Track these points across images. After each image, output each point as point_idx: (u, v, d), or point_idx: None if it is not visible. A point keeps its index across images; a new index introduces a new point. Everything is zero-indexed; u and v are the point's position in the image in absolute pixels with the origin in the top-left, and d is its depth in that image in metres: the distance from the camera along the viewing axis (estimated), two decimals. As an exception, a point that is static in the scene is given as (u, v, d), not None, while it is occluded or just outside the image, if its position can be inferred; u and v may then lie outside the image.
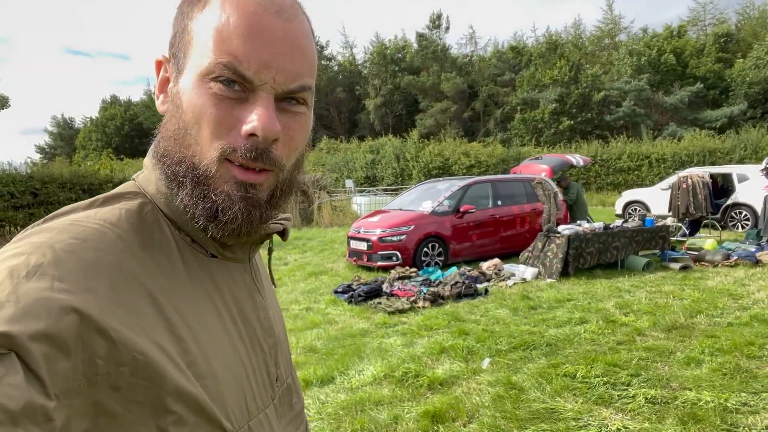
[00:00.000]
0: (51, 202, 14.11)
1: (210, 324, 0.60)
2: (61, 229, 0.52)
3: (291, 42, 0.58)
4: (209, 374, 0.56)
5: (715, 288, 6.63)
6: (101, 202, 0.59)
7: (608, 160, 26.16)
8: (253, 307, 0.68)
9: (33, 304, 0.44)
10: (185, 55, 0.59)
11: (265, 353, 0.69)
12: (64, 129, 57.00)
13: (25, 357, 0.42)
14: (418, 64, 41.74)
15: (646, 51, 34.93)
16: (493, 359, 4.42)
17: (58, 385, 0.44)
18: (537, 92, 35.10)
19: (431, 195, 9.69)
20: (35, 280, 0.46)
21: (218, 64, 0.55)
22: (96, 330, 0.47)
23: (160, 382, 0.51)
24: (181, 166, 0.58)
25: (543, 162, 11.46)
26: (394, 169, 28.91)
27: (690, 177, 11.04)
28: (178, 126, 0.58)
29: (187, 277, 0.60)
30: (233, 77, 0.55)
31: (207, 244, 0.63)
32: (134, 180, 0.65)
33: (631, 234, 8.38)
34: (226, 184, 0.58)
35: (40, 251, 0.48)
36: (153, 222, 0.60)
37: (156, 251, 0.58)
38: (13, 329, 0.42)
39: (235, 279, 0.67)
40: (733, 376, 3.91)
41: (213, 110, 0.56)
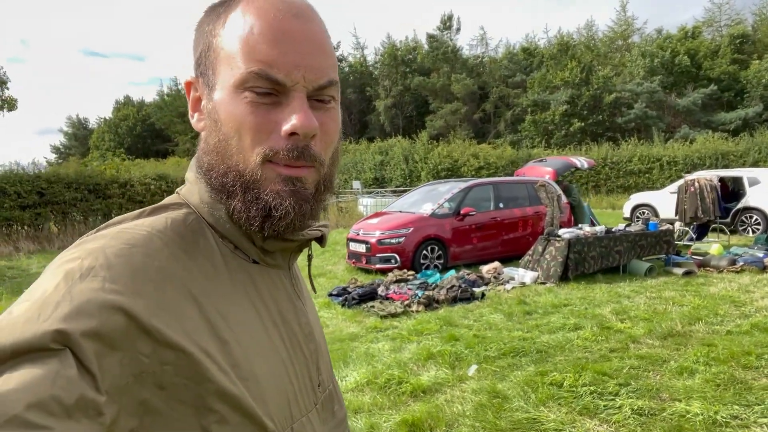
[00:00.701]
0: (57, 201, 14.20)
1: (252, 327, 0.61)
2: (113, 236, 0.55)
3: (313, 41, 0.61)
4: (251, 376, 0.58)
5: (717, 294, 6.47)
6: (149, 212, 0.63)
7: (618, 163, 25.83)
8: (293, 313, 0.70)
9: (86, 303, 0.47)
10: (214, 72, 0.61)
11: (307, 358, 0.70)
12: (79, 129, 57.62)
13: (78, 353, 0.45)
14: (428, 65, 41.64)
15: (659, 52, 34.50)
16: (480, 366, 4.33)
17: (108, 381, 0.46)
18: (548, 94, 34.83)
19: (432, 197, 9.59)
20: (88, 282, 0.49)
21: (250, 73, 0.58)
22: (142, 330, 0.50)
23: (203, 381, 0.52)
24: (228, 177, 0.61)
25: (547, 164, 11.32)
26: (402, 171, 28.80)
27: (698, 180, 10.83)
28: (219, 139, 0.61)
29: (229, 282, 0.62)
30: (266, 84, 0.58)
31: (249, 251, 0.65)
32: (178, 193, 0.68)
33: (634, 238, 8.22)
34: (272, 183, 0.60)
35: (93, 255, 0.52)
36: (197, 230, 0.62)
37: (200, 257, 0.60)
38: (68, 327, 0.45)
39: (276, 285, 0.68)
40: (726, 387, 3.79)
41: (251, 118, 0.59)
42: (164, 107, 49.20)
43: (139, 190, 15.60)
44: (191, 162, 0.68)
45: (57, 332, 0.45)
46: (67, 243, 14.00)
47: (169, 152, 45.52)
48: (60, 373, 0.43)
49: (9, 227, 13.65)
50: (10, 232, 13.54)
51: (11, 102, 14.60)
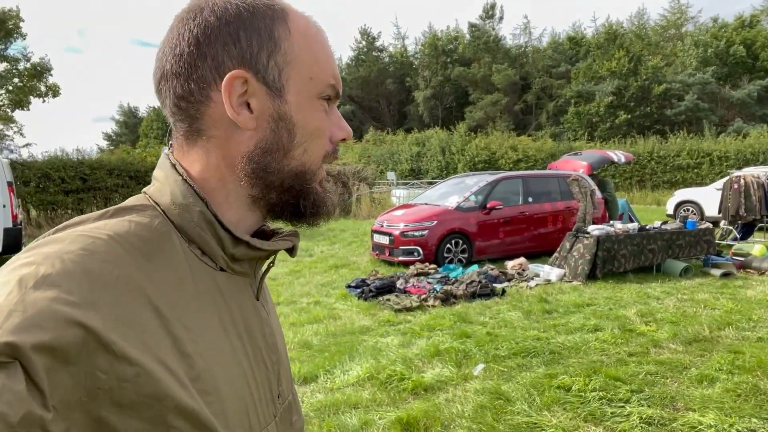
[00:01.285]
0: (99, 187, 14.70)
1: (216, 339, 0.59)
2: (72, 239, 0.52)
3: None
4: (213, 390, 0.56)
5: (753, 298, 6.10)
6: (111, 213, 0.60)
7: (666, 157, 24.84)
8: (258, 323, 0.68)
9: (39, 314, 0.45)
10: (280, 74, 0.62)
11: (269, 370, 0.69)
12: (129, 117, 59.66)
13: (28, 367, 0.43)
14: (469, 55, 40.99)
15: (714, 42, 32.87)
16: (488, 365, 4.20)
17: (58, 397, 0.44)
18: (593, 84, 33.74)
19: (460, 190, 9.42)
20: (43, 291, 0.46)
21: (329, 86, 0.65)
22: (99, 344, 0.47)
23: (162, 398, 0.50)
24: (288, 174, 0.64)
25: (582, 158, 10.93)
26: (439, 163, 28.57)
27: (743, 177, 10.25)
28: (296, 141, 0.63)
29: (194, 291, 0.59)
30: (334, 95, 0.66)
31: (217, 258, 0.63)
32: (144, 193, 0.65)
33: (669, 237, 7.85)
34: (323, 180, 0.68)
35: (50, 262, 0.49)
36: (163, 234, 0.59)
37: (164, 264, 0.57)
38: (18, 339, 0.43)
39: (242, 293, 0.67)
40: (747, 397, 3.55)
41: (324, 124, 0.65)
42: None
43: (178, 177, 15.97)
44: (161, 161, 0.65)
45: (6, 344, 0.42)
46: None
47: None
48: (6, 387, 0.41)
49: (53, 211, 14.23)
50: (54, 216, 14.11)
51: (55, 89, 15.13)
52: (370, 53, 44.33)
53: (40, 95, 14.70)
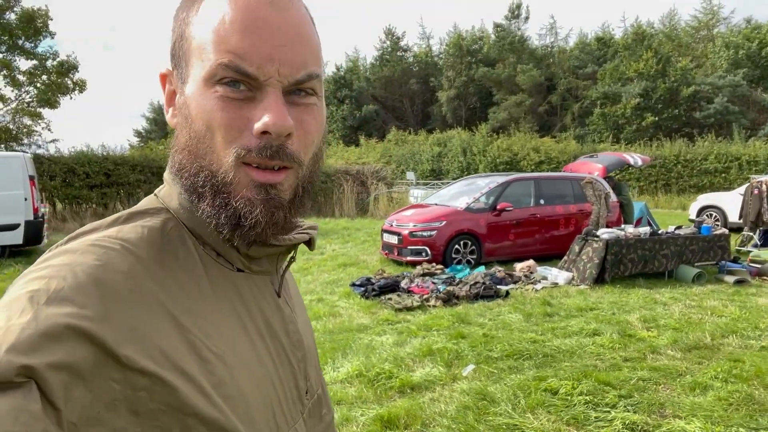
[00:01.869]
0: (122, 182, 15.05)
1: (236, 341, 0.58)
2: (83, 250, 0.52)
3: (290, 31, 0.56)
4: (237, 394, 0.55)
5: (764, 306, 5.95)
6: (124, 219, 0.58)
7: (692, 161, 24.23)
8: (281, 321, 0.67)
9: (52, 332, 0.44)
10: (187, 63, 0.57)
11: (294, 367, 0.67)
12: (159, 114, 60.78)
13: (44, 386, 0.42)
14: (494, 55, 40.68)
15: (746, 43, 31.97)
16: (478, 366, 4.20)
17: (77, 413, 0.44)
18: (620, 86, 33.14)
19: (471, 191, 9.38)
20: (55, 307, 0.46)
21: (220, 65, 0.54)
22: (112, 357, 0.47)
23: (181, 406, 0.50)
24: (199, 177, 0.57)
25: (598, 160, 10.77)
26: (460, 163, 28.43)
27: (765, 182, 9.98)
28: (190, 136, 0.57)
29: (212, 294, 0.58)
30: (236, 76, 0.54)
31: (232, 258, 0.62)
32: (156, 195, 0.64)
33: (683, 242, 7.70)
34: (245, 189, 0.56)
35: (61, 275, 0.48)
36: (176, 239, 0.58)
37: (179, 270, 0.56)
38: (33, 359, 0.42)
39: (263, 292, 0.65)
40: (739, 406, 3.48)
41: (222, 114, 0.54)
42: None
43: (198, 173, 16.26)
44: (169, 160, 0.64)
45: (21, 366, 0.42)
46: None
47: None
48: (23, 408, 0.41)
49: (78, 205, 14.63)
50: (79, 210, 14.51)
51: (81, 84, 15.54)
52: (394, 53, 44.33)
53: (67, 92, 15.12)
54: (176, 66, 0.59)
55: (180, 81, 0.59)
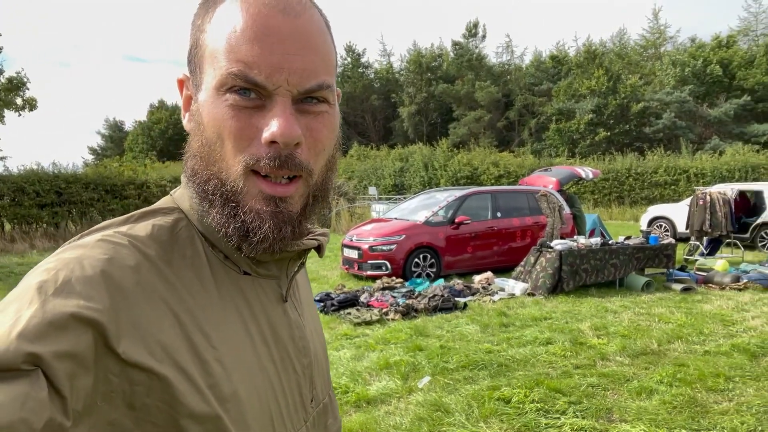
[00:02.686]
0: (74, 201, 14.61)
1: (237, 344, 0.58)
2: (92, 245, 0.52)
3: (300, 40, 0.55)
4: (232, 397, 0.55)
5: (709, 312, 6.21)
6: (137, 217, 0.59)
7: (643, 174, 25.16)
8: (287, 326, 0.66)
9: (59, 321, 0.45)
10: (201, 70, 0.58)
11: (298, 374, 0.67)
12: (115, 131, 59.30)
13: (50, 374, 0.43)
14: (453, 72, 41.47)
15: (691, 61, 33.52)
16: (434, 378, 4.24)
17: (80, 402, 0.45)
18: (573, 102, 34.25)
19: (430, 204, 9.51)
20: (62, 297, 0.47)
21: (229, 74, 0.54)
22: (113, 349, 0.47)
23: (176, 404, 0.50)
24: (210, 184, 0.57)
25: (552, 174, 11.10)
26: (422, 178, 28.72)
27: (709, 194, 10.45)
28: (202, 143, 0.57)
29: (217, 296, 0.58)
30: (246, 85, 0.54)
31: (240, 262, 0.62)
32: (171, 195, 0.65)
33: (631, 251, 7.98)
34: (253, 200, 0.56)
35: (69, 267, 0.49)
36: (186, 238, 0.59)
37: (185, 269, 0.57)
38: (40, 348, 0.43)
39: (269, 296, 0.65)
40: (682, 409, 3.62)
41: (232, 122, 0.54)
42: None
43: (155, 191, 15.93)
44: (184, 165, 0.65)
45: (28, 353, 0.43)
46: (83, 242, 14.41)
47: (197, 155, 46.37)
48: (30, 395, 0.42)
49: (28, 225, 14.11)
50: (29, 230, 13.99)
51: (32, 102, 15.12)
52: (355, 69, 44.66)
53: (17, 109, 14.69)
54: (192, 72, 0.60)
55: (195, 87, 0.59)
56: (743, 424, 3.36)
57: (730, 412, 3.54)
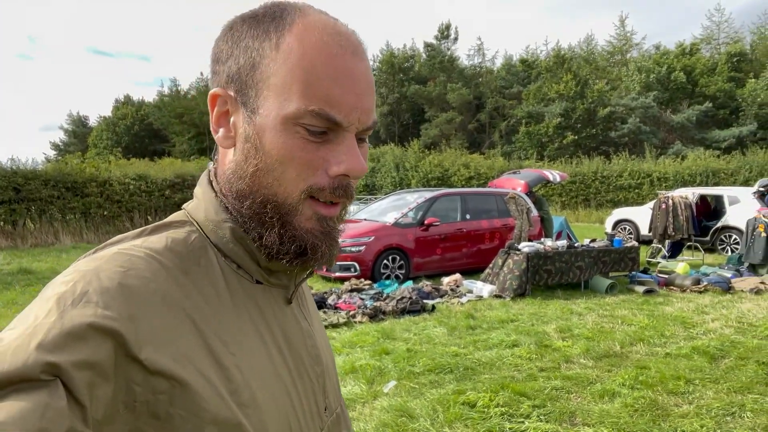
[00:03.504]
0: (33, 198, 14.10)
1: (254, 351, 0.60)
2: (108, 258, 0.53)
3: (367, 81, 0.59)
4: (252, 403, 0.56)
5: (670, 315, 6.34)
6: (150, 231, 0.61)
7: (609, 177, 25.70)
8: (299, 335, 0.68)
9: (77, 331, 0.46)
10: (258, 94, 0.58)
11: (313, 382, 0.68)
12: (78, 127, 57.72)
13: (69, 384, 0.44)
14: (425, 73, 41.67)
15: (656, 68, 34.46)
16: (400, 382, 4.20)
17: (100, 411, 0.46)
18: (542, 106, 34.80)
19: (400, 206, 9.49)
20: (80, 308, 0.47)
21: (310, 111, 0.55)
22: (133, 358, 0.48)
23: (199, 411, 0.51)
24: (266, 207, 0.59)
25: (520, 176, 11.22)
26: (393, 178, 28.75)
27: (672, 197, 10.72)
28: (259, 167, 0.58)
29: (231, 304, 0.60)
30: (325, 124, 0.56)
31: (252, 271, 0.63)
32: (184, 209, 0.66)
33: (596, 254, 8.10)
34: (308, 221, 0.59)
35: (86, 279, 0.50)
36: (199, 249, 0.60)
37: (200, 278, 0.58)
38: (59, 357, 0.44)
39: (281, 306, 0.67)
40: (643, 412, 3.66)
41: (302, 153, 0.57)
42: (162, 108, 49.23)
43: (118, 189, 15.48)
44: (201, 178, 0.66)
45: (47, 363, 0.43)
46: (42, 240, 13.92)
47: (165, 152, 45.47)
48: (50, 406, 0.42)
49: (-17, 223, 13.55)
50: (-16, 228, 13.44)
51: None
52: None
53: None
54: (239, 92, 0.59)
55: (245, 108, 0.59)
56: (703, 427, 3.41)
57: (690, 415, 3.60)
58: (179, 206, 0.82)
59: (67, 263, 10.61)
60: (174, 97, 51.17)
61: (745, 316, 6.24)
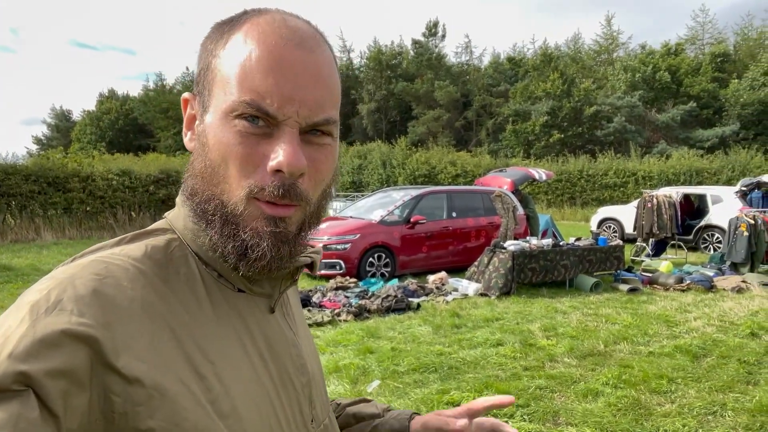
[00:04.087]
0: (13, 194, 13.84)
1: (235, 360, 0.58)
2: (84, 266, 0.53)
3: (313, 74, 0.57)
4: (233, 413, 0.55)
5: (653, 313, 6.38)
6: (129, 239, 0.60)
7: (594, 176, 25.90)
8: (284, 344, 0.66)
9: (50, 339, 0.45)
10: (210, 93, 0.58)
11: (298, 392, 0.66)
12: (62, 121, 56.91)
13: (41, 394, 0.43)
14: (413, 71, 41.62)
15: (641, 68, 34.74)
16: (384, 382, 4.17)
17: (75, 422, 0.45)
18: (529, 104, 34.94)
19: (386, 204, 9.45)
20: (54, 316, 0.46)
21: (241, 102, 0.54)
22: (111, 365, 0.47)
23: (180, 421, 0.50)
24: (210, 204, 0.58)
25: (506, 175, 11.24)
26: (380, 175, 28.72)
27: (656, 197, 10.80)
28: (205, 164, 0.58)
29: (212, 313, 0.58)
30: (256, 113, 0.55)
31: (234, 279, 0.62)
32: (166, 217, 0.65)
33: (582, 252, 8.13)
34: (254, 220, 0.57)
35: (61, 287, 0.49)
36: (180, 257, 0.59)
37: (180, 286, 0.57)
38: (30, 368, 0.43)
39: (264, 314, 0.65)
40: (626, 411, 3.67)
41: (239, 148, 0.55)
42: (148, 102, 48.71)
43: (101, 185, 15.25)
44: (183, 185, 0.65)
45: (19, 373, 0.42)
46: (22, 236, 13.67)
47: (150, 148, 44.96)
48: (22, 416, 0.41)
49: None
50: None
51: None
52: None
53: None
54: (199, 93, 0.61)
55: (201, 108, 0.60)
56: (685, 426, 3.42)
57: (672, 414, 3.61)
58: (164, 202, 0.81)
59: (48, 260, 10.43)
60: (159, 91, 50.67)
61: (726, 314, 6.30)
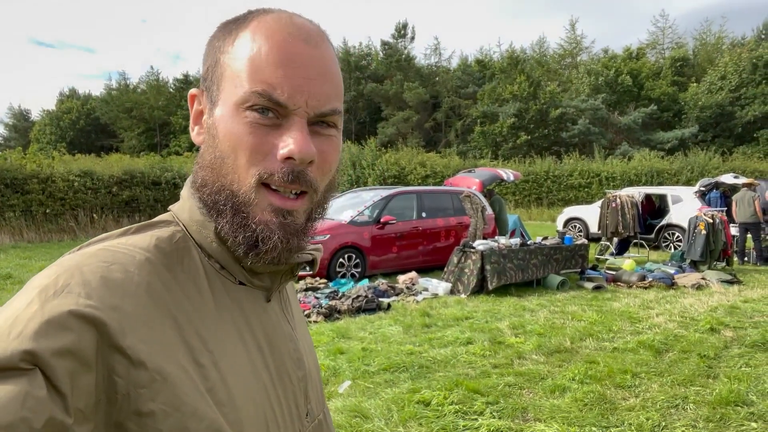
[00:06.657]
0: (-33, 195, 13.31)
1: (233, 351, 0.59)
2: (91, 254, 0.54)
3: (319, 67, 0.59)
4: (229, 402, 0.56)
5: (617, 310, 6.54)
6: (134, 230, 0.61)
7: (560, 177, 26.42)
8: (282, 337, 0.67)
9: (58, 320, 0.46)
10: (218, 87, 0.60)
11: (294, 385, 0.67)
12: (20, 121, 55.03)
13: (48, 373, 0.44)
14: (382, 72, 41.70)
15: (604, 71, 35.63)
16: (355, 382, 4.16)
17: (82, 400, 0.46)
18: (497, 106, 35.40)
19: (356, 204, 9.43)
20: (62, 298, 0.48)
21: (253, 93, 0.57)
22: (118, 346, 0.48)
23: (180, 405, 0.50)
24: (221, 195, 0.59)
25: (475, 175, 11.37)
26: (350, 176, 28.62)
27: (619, 197, 11.09)
28: (215, 155, 0.60)
29: (213, 303, 0.60)
30: (268, 104, 0.57)
31: (235, 272, 0.63)
32: (170, 210, 0.66)
33: (549, 252, 8.28)
34: (263, 211, 0.58)
35: (69, 272, 0.51)
36: (183, 248, 0.61)
37: (183, 276, 0.58)
38: (38, 346, 0.44)
39: (264, 308, 0.66)
40: (592, 407, 3.74)
41: (249, 138, 0.57)
42: (110, 102, 47.46)
43: (61, 186, 14.79)
44: (189, 178, 0.67)
45: (26, 352, 0.44)
46: (-23, 240, 13.15)
47: (113, 148, 43.82)
48: (30, 394, 0.42)
49: None
50: None
51: None
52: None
53: None
54: (207, 89, 0.62)
55: (210, 103, 0.62)
56: (648, 420, 3.52)
57: (636, 408, 3.70)
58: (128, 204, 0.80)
59: (6, 264, 10.06)
60: (123, 90, 49.41)
61: (687, 310, 6.50)
